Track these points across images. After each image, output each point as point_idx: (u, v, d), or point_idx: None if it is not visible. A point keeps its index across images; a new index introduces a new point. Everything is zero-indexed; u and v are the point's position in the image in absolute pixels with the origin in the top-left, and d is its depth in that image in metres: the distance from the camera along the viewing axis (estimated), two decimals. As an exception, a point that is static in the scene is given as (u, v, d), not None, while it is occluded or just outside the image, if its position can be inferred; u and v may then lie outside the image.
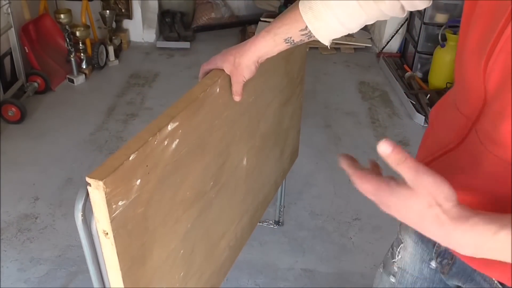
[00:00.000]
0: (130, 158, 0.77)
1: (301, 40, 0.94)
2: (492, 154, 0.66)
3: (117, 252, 0.79)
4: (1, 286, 1.87)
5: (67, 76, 3.38)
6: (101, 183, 0.72)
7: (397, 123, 3.04)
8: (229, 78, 1.04)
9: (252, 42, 0.97)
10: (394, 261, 1.01)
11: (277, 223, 2.18)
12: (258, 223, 2.14)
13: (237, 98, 1.08)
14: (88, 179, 0.72)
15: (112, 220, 0.76)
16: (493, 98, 0.66)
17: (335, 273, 1.95)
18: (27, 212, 2.23)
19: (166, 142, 0.87)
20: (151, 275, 0.94)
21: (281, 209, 2.16)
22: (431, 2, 0.87)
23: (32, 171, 2.49)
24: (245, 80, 1.02)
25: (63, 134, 2.81)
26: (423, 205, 0.57)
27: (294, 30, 0.92)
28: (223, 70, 1.03)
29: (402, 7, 0.88)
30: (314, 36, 0.93)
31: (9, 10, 2.87)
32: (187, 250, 1.07)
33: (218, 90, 1.02)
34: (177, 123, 0.88)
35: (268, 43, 0.95)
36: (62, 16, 3.18)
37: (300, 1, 0.91)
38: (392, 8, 0.88)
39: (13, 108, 2.84)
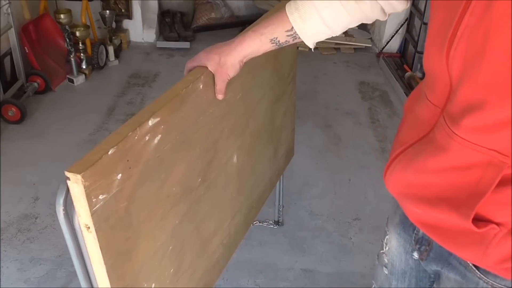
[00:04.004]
0: (109, 153, 0.77)
1: (286, 41, 0.96)
2: (458, 136, 0.70)
3: (100, 247, 0.80)
4: (1, 286, 1.87)
5: (67, 76, 3.38)
6: (79, 176, 0.72)
7: (397, 123, 3.03)
8: (212, 75, 1.04)
9: (239, 42, 0.98)
10: (383, 252, 1.05)
11: (277, 223, 2.18)
12: (258, 223, 2.15)
13: (220, 96, 1.08)
14: (67, 173, 0.73)
15: (93, 214, 0.76)
16: (457, 84, 0.70)
17: (335, 273, 1.95)
18: (27, 212, 2.23)
19: (147, 138, 0.87)
20: (138, 271, 0.94)
21: (280, 209, 2.16)
22: (409, 4, 0.90)
23: (32, 171, 2.49)
24: (229, 79, 1.03)
25: (63, 134, 2.81)
26: None
27: (280, 30, 0.94)
28: (206, 67, 1.03)
29: (382, 9, 0.91)
30: (299, 37, 0.95)
31: (9, 10, 2.87)
32: (176, 246, 1.07)
33: (201, 86, 1.02)
34: (158, 119, 0.88)
35: (255, 42, 0.97)
36: (62, 16, 3.18)
37: (287, 3, 0.93)
38: (372, 10, 0.91)
39: (13, 108, 2.84)
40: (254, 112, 1.37)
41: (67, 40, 3.29)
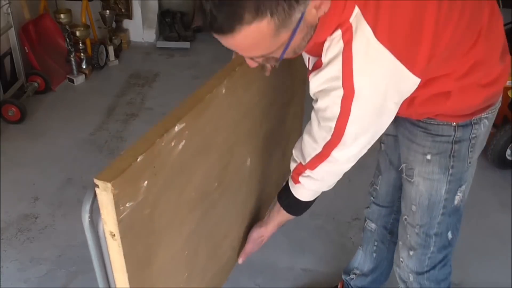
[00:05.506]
0: (138, 160, 0.76)
1: None
2: None
3: (124, 254, 0.79)
4: (1, 286, 1.87)
5: (67, 76, 3.38)
6: (109, 185, 0.71)
7: (397, 123, 3.04)
8: (235, 78, 1.05)
9: None
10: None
11: (277, 223, 2.18)
12: (258, 223, 2.15)
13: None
14: (96, 181, 0.71)
15: (120, 222, 0.75)
16: None
17: (335, 273, 1.95)
18: (27, 212, 2.23)
19: (173, 143, 0.86)
20: (156, 276, 0.94)
21: (281, 209, 2.16)
22: None
23: (32, 171, 2.49)
24: None
25: (63, 134, 2.81)
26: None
27: None
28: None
29: None
30: None
31: (9, 10, 2.87)
32: (191, 251, 1.07)
33: (224, 91, 1.01)
34: (184, 124, 0.88)
35: None
36: (62, 16, 3.19)
37: None
38: None
39: (13, 108, 2.84)
40: (268, 115, 1.36)
41: (67, 40, 3.29)
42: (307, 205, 1.23)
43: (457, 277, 1.85)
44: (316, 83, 0.95)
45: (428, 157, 1.17)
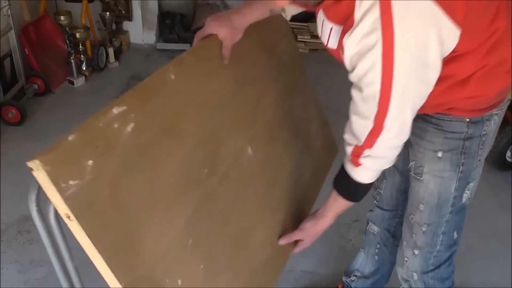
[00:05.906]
0: (69, 138, 0.80)
1: (277, 11, 1.23)
2: None
3: (88, 235, 0.78)
4: (1, 288, 1.87)
5: (67, 78, 3.39)
6: (37, 161, 0.72)
7: (397, 124, 3.03)
8: (184, 64, 1.06)
9: (248, 10, 1.17)
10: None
11: (277, 224, 2.18)
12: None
13: (226, 61, 1.17)
14: (28, 164, 0.73)
15: (67, 199, 0.75)
16: None
17: (335, 274, 1.95)
18: (27, 213, 2.22)
19: (116, 125, 0.87)
20: (152, 264, 0.91)
21: (281, 211, 2.16)
22: None
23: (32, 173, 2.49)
24: (235, 42, 1.16)
25: (63, 136, 2.81)
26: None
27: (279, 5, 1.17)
28: (216, 35, 1.13)
29: None
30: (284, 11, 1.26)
31: (9, 12, 2.88)
32: (197, 241, 1.04)
33: (172, 76, 1.02)
34: (124, 107, 0.89)
35: (262, 11, 1.19)
36: (62, 17, 3.19)
37: None
38: None
39: (13, 110, 2.84)
40: (259, 104, 1.34)
41: (67, 41, 3.29)
42: (367, 188, 1.20)
43: (458, 279, 1.84)
44: (351, 44, 0.91)
45: (439, 154, 1.16)
